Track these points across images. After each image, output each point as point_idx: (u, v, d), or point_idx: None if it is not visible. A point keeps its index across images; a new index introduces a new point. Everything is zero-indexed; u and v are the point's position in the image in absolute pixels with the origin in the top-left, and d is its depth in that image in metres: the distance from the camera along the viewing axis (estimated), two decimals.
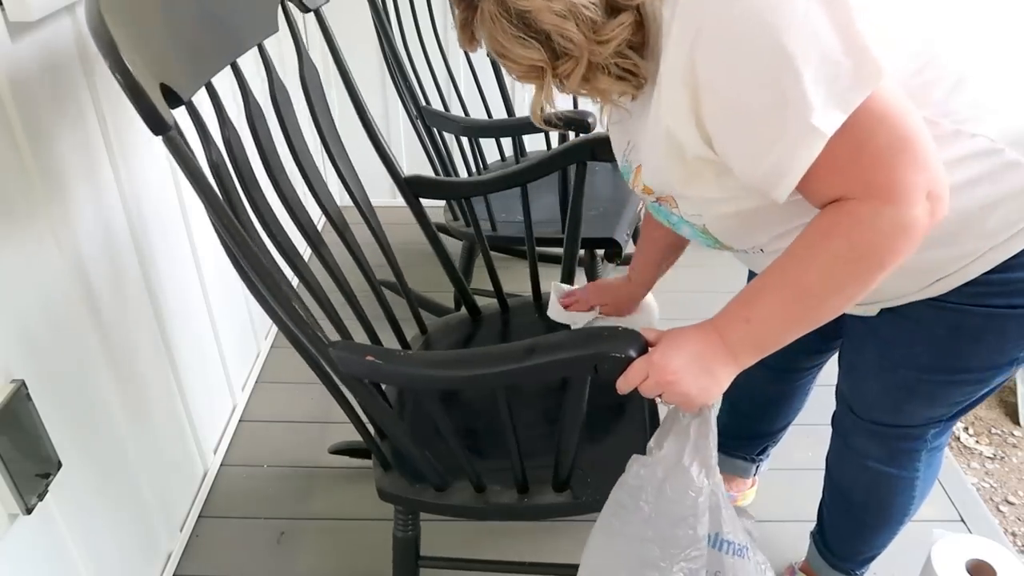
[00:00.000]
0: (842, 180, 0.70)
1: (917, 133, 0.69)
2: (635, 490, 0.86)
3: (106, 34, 0.66)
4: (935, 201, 0.69)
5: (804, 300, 0.76)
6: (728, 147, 0.75)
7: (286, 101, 1.07)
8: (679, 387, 0.79)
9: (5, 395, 0.90)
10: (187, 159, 0.73)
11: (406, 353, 0.89)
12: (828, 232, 0.73)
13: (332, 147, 1.18)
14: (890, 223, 0.69)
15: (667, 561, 0.83)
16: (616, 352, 0.80)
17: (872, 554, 1.23)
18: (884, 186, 0.69)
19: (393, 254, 1.26)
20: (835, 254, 0.72)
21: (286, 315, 0.86)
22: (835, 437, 1.16)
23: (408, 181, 1.32)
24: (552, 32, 0.74)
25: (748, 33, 0.67)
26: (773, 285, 0.77)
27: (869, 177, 0.69)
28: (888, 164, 0.69)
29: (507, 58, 0.79)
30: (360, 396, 0.93)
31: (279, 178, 1.02)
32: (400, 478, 1.05)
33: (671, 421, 0.86)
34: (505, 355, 0.85)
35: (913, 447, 1.07)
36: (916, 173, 0.68)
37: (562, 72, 0.78)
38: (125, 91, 0.68)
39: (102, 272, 1.16)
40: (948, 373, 0.95)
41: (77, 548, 1.08)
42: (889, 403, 1.03)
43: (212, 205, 0.77)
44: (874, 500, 1.15)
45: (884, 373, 1.00)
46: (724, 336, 0.80)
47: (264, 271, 0.82)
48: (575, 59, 0.76)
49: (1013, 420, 1.97)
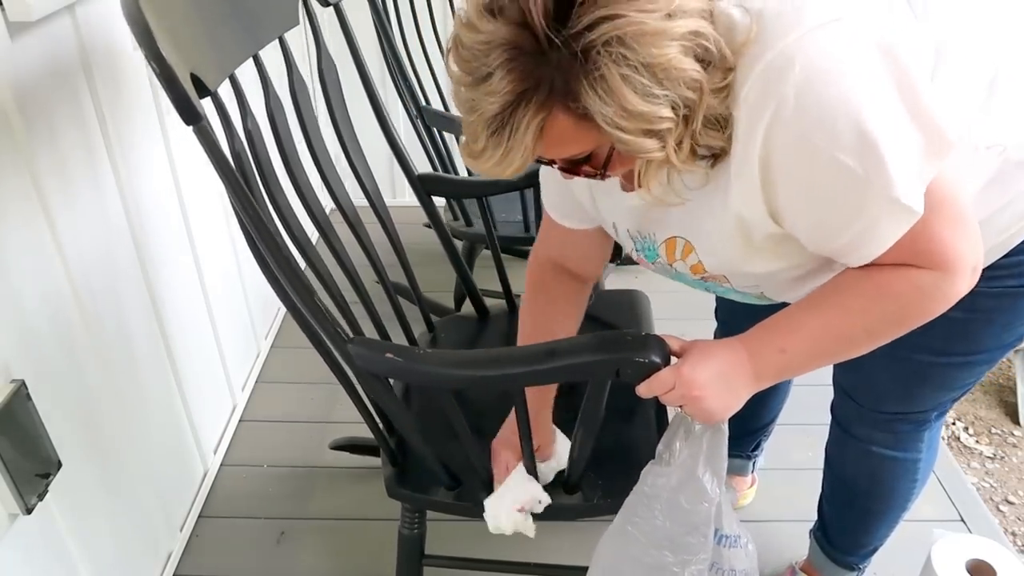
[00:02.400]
0: (910, 250, 0.73)
1: (969, 208, 0.74)
2: (650, 499, 0.87)
3: (143, 22, 0.66)
4: (976, 273, 0.75)
5: (841, 344, 0.80)
6: (800, 225, 0.74)
7: (304, 95, 1.07)
8: (704, 403, 0.80)
9: (5, 395, 0.90)
10: (217, 150, 0.73)
11: (426, 352, 0.89)
12: (885, 293, 0.76)
13: (347, 142, 1.18)
14: (942, 293, 0.74)
15: (679, 566, 0.86)
16: (640, 357, 0.80)
17: (874, 545, 1.24)
18: (945, 259, 0.73)
19: (405, 252, 1.26)
20: (885, 313, 0.77)
21: (306, 309, 0.86)
22: (835, 427, 1.17)
23: (421, 178, 1.32)
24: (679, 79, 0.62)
25: (823, 116, 0.64)
26: (816, 325, 0.80)
27: (933, 248, 0.73)
28: (950, 238, 0.72)
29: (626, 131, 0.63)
30: (375, 393, 0.92)
31: (295, 171, 1.02)
32: (409, 476, 1.05)
33: (678, 425, 0.86)
34: (527, 356, 0.84)
35: (917, 429, 1.09)
36: (969, 247, 0.73)
37: (678, 136, 0.65)
38: (160, 80, 0.67)
39: (102, 272, 1.16)
40: (962, 355, 0.97)
41: (77, 548, 1.08)
42: (900, 391, 1.05)
43: (239, 197, 0.77)
44: (877, 486, 1.16)
45: (896, 363, 1.00)
46: (753, 359, 0.81)
47: (286, 264, 0.82)
48: (692, 116, 0.65)
49: (1013, 420, 1.97)
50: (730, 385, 0.80)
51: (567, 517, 1.02)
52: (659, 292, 1.27)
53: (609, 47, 0.59)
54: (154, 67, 0.67)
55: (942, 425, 1.12)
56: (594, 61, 0.60)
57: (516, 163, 0.66)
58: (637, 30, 0.59)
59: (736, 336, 0.83)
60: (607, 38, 0.59)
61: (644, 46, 0.60)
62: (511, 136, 0.64)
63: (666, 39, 0.60)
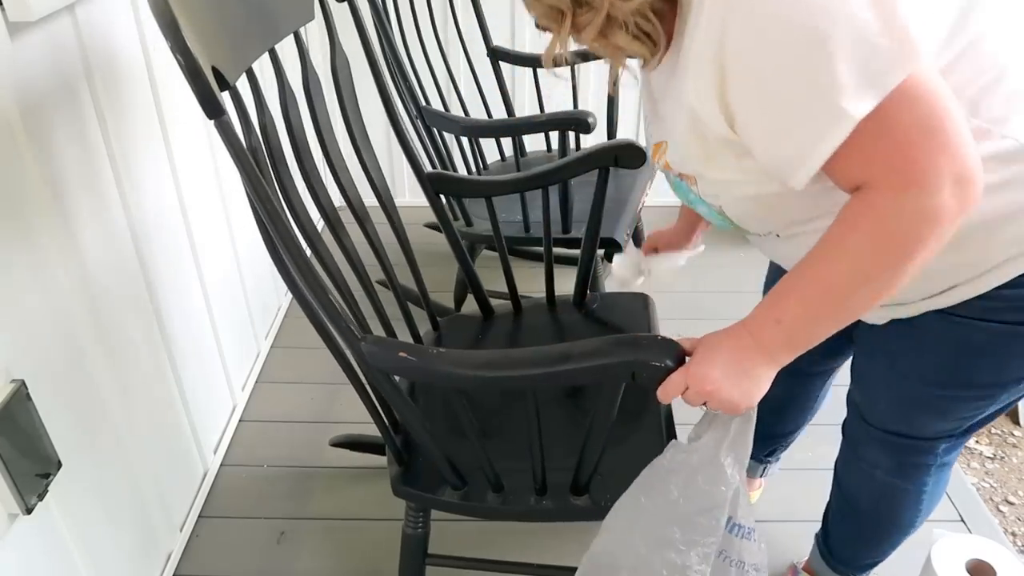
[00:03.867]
0: (864, 163, 0.68)
1: (947, 114, 0.66)
2: (668, 473, 0.87)
3: (170, 15, 0.66)
4: (965, 185, 0.66)
5: (832, 296, 0.74)
6: (751, 128, 0.73)
7: (318, 90, 1.07)
8: (720, 395, 0.80)
9: (5, 395, 0.90)
10: (237, 144, 0.73)
11: (440, 351, 0.89)
12: (852, 225, 0.71)
13: (358, 139, 1.18)
14: (914, 211, 0.67)
15: (686, 545, 0.85)
16: (655, 360, 0.80)
17: (874, 561, 1.23)
18: (906, 170, 0.66)
19: (412, 252, 1.26)
20: (859, 247, 0.71)
21: (321, 306, 0.86)
22: (845, 445, 1.16)
23: (430, 177, 1.31)
24: None
25: (781, 10, 0.65)
26: (801, 283, 0.77)
27: (892, 161, 0.67)
28: (912, 147, 0.66)
29: None
30: (385, 392, 0.92)
31: (307, 166, 1.02)
32: (414, 475, 1.05)
33: (713, 415, 0.86)
34: (541, 358, 0.84)
35: (923, 461, 1.05)
36: (941, 156, 0.65)
37: (581, 21, 0.76)
38: (185, 73, 0.67)
39: (102, 272, 1.16)
40: (954, 388, 0.94)
41: (77, 548, 1.08)
42: (900, 414, 1.02)
43: (258, 192, 0.77)
44: (880, 510, 1.14)
45: (893, 384, 0.99)
46: (756, 338, 0.80)
47: (303, 260, 0.82)
48: (595, 9, 0.74)
49: (1013, 420, 1.97)
50: (744, 371, 0.79)
51: (575, 518, 1.02)
52: (657, 292, 1.27)
53: None
54: (180, 60, 0.67)
55: (954, 461, 1.07)
56: None
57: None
58: None
59: (741, 320, 0.82)
60: None
61: None
62: None
63: None
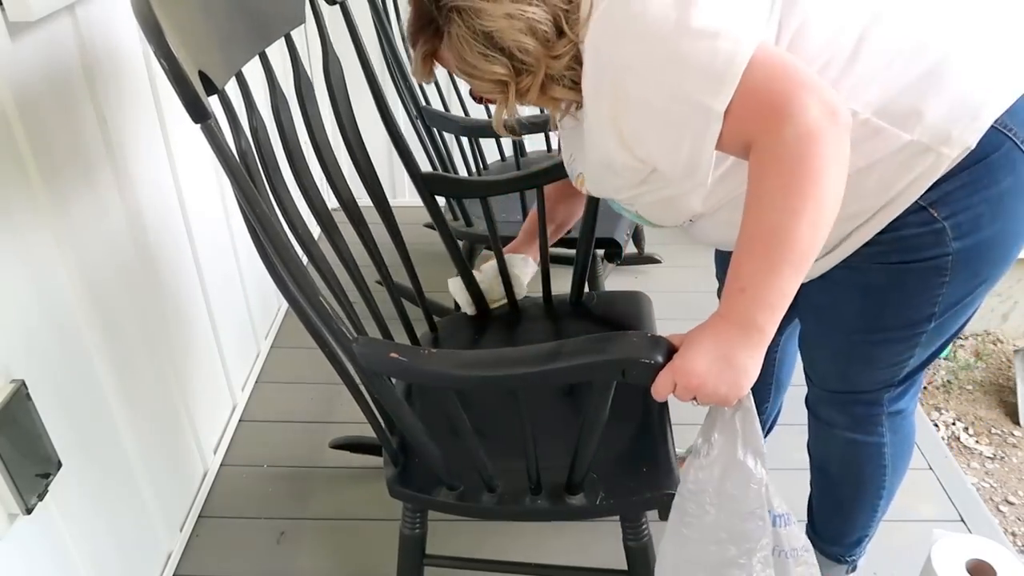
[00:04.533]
0: (743, 127, 0.77)
1: (791, 63, 0.76)
2: (697, 495, 0.86)
3: (152, 19, 0.66)
4: (829, 107, 0.74)
5: (773, 242, 0.77)
6: (649, 150, 0.85)
7: (310, 93, 1.07)
8: (708, 388, 0.80)
9: (5, 395, 0.90)
10: (223, 149, 0.73)
11: (431, 352, 0.89)
12: (758, 176, 0.77)
13: (352, 141, 1.18)
14: (794, 135, 0.74)
15: (746, 557, 0.85)
16: (644, 358, 0.81)
17: (857, 536, 1.26)
18: (774, 111, 0.75)
19: (408, 253, 1.26)
20: (773, 188, 0.76)
21: (312, 308, 0.86)
22: (808, 415, 1.22)
23: (425, 178, 1.32)
24: (513, 48, 0.85)
25: (635, 48, 0.79)
26: (745, 245, 0.79)
27: (761, 111, 0.76)
28: (770, 94, 0.75)
29: (475, 76, 0.89)
30: (379, 393, 0.92)
31: (300, 169, 1.02)
32: (410, 476, 1.05)
33: (715, 414, 0.86)
34: (531, 357, 0.84)
35: (872, 411, 1.11)
36: (798, 89, 0.74)
37: (523, 85, 0.88)
38: (169, 77, 0.67)
39: (102, 271, 1.16)
40: (872, 332, 1.00)
41: (77, 548, 1.08)
42: (834, 369, 1.09)
43: (246, 195, 0.77)
44: (847, 471, 1.20)
45: (824, 340, 1.08)
46: (730, 318, 0.81)
47: (294, 262, 0.82)
48: (533, 73, 0.87)
49: (1013, 420, 1.97)
50: (727, 359, 0.80)
51: (570, 518, 1.02)
52: (657, 292, 1.27)
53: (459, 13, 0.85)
54: (164, 65, 0.67)
55: (909, 414, 1.13)
56: (448, 19, 0.87)
57: (419, 69, 0.98)
58: (471, 5, 0.84)
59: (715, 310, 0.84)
60: (452, 6, 0.86)
61: (481, 19, 0.84)
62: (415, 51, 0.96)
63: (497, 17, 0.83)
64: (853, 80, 0.84)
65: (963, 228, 0.89)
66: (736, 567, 0.85)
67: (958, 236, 0.89)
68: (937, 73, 0.84)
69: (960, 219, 0.88)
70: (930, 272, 0.92)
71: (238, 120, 0.84)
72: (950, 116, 0.84)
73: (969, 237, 0.89)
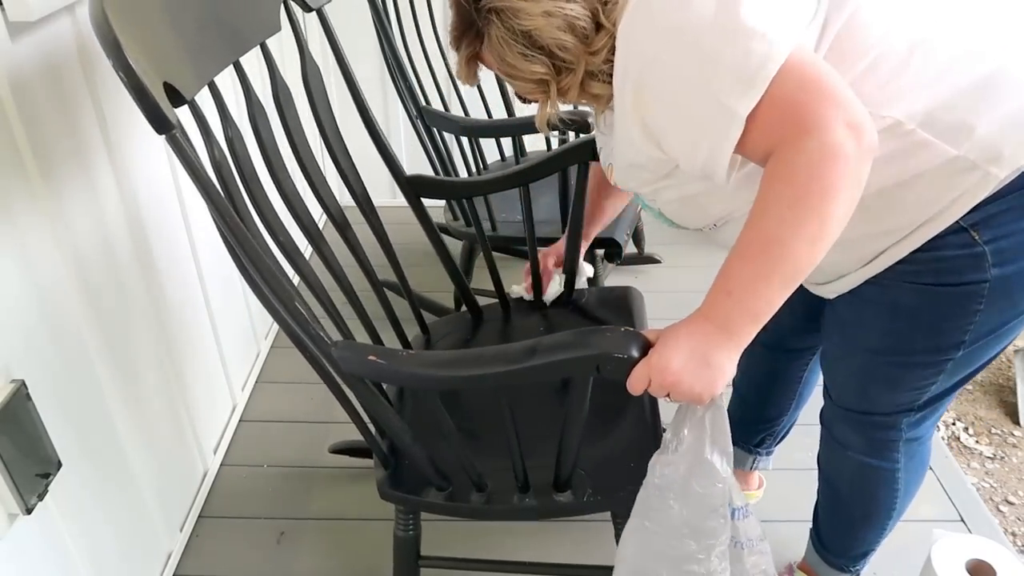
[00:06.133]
0: (766, 134, 0.75)
1: (825, 77, 0.73)
2: (661, 490, 0.87)
3: (110, 33, 0.66)
4: (857, 129, 0.71)
5: (769, 252, 0.76)
6: (671, 144, 0.83)
7: (288, 100, 1.07)
8: (682, 386, 0.80)
9: (5, 395, 0.90)
10: (189, 159, 0.73)
11: (408, 353, 0.89)
12: (770, 182, 0.76)
13: (334, 145, 1.18)
14: (815, 150, 0.72)
15: (704, 552, 0.86)
16: (618, 353, 0.80)
17: (863, 551, 1.24)
18: (799, 122, 0.73)
19: (395, 253, 1.26)
20: (781, 197, 0.75)
21: (288, 314, 0.86)
22: (822, 431, 1.18)
23: (410, 180, 1.32)
24: (552, 46, 0.84)
25: (666, 43, 0.77)
26: (740, 250, 0.78)
27: (786, 120, 0.73)
28: (798, 104, 0.73)
29: (516, 77, 0.89)
30: (362, 396, 0.93)
31: (280, 176, 1.02)
32: (401, 477, 1.05)
33: (686, 411, 0.86)
34: (507, 355, 0.84)
35: (889, 436, 1.07)
36: (827, 105, 0.72)
37: (564, 84, 0.88)
38: (129, 90, 0.67)
39: (102, 272, 1.16)
40: (897, 355, 0.97)
41: (77, 548, 1.08)
42: (854, 387, 1.06)
43: (215, 203, 0.77)
44: (858, 493, 1.17)
45: (847, 357, 1.04)
46: (712, 319, 0.80)
47: (266, 269, 0.82)
48: (573, 70, 0.86)
49: (1013, 420, 1.97)
50: (704, 358, 0.79)
51: (559, 515, 1.02)
52: (657, 292, 1.27)
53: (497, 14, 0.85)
54: (122, 77, 0.67)
55: (925, 439, 1.10)
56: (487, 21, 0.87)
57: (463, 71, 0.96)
58: (508, 6, 0.84)
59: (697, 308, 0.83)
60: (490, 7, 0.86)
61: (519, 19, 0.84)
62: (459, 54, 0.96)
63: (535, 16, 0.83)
64: (901, 85, 0.80)
65: (1005, 255, 0.84)
66: (695, 562, 0.86)
67: (999, 263, 0.84)
68: (992, 85, 0.79)
69: (1002, 244, 0.83)
70: (964, 298, 0.88)
71: (211, 131, 0.84)
72: (1002, 133, 0.79)
73: (1010, 265, 0.84)
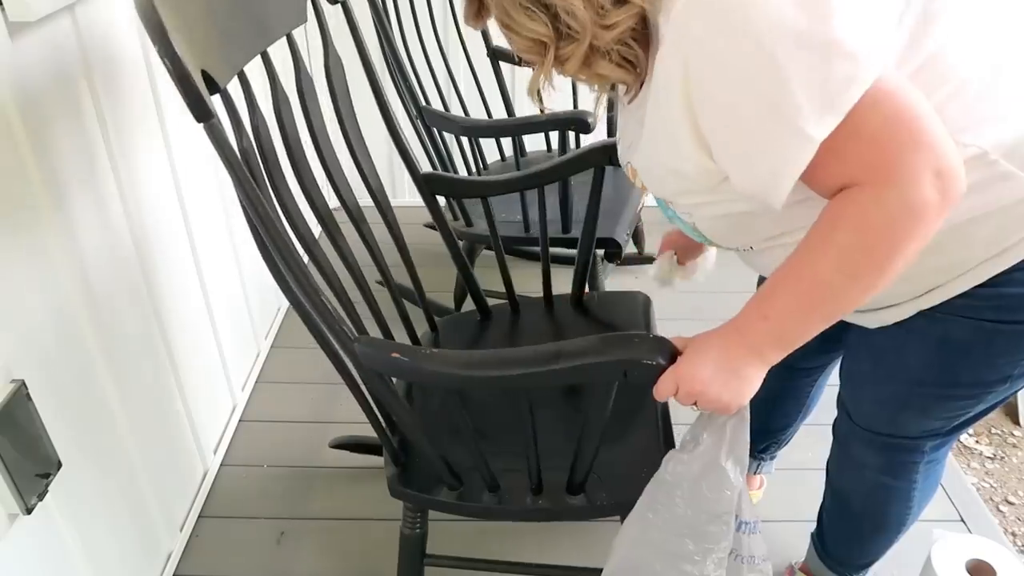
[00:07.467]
0: (842, 168, 0.69)
1: (916, 112, 0.67)
2: (671, 486, 0.87)
3: (156, 20, 0.66)
4: (946, 179, 0.67)
5: (819, 292, 0.74)
6: (724, 155, 0.75)
7: (311, 92, 1.07)
8: (709, 395, 0.80)
9: (5, 395, 0.90)
10: (226, 147, 0.73)
11: (431, 352, 0.89)
12: (838, 222, 0.71)
13: (353, 141, 1.18)
14: (897, 206, 0.67)
15: (701, 555, 0.85)
16: (647, 359, 0.81)
17: (868, 560, 1.23)
18: (882, 168, 0.67)
19: (408, 252, 1.26)
20: (845, 244, 0.71)
21: (313, 307, 0.86)
22: (835, 444, 1.16)
23: (426, 178, 1.32)
24: (559, 8, 0.74)
25: (735, 43, 0.67)
26: (787, 279, 0.76)
27: (868, 161, 0.68)
28: (882, 146, 0.67)
29: (512, 30, 0.79)
30: (379, 393, 0.92)
31: (301, 168, 1.02)
32: (411, 475, 1.05)
33: (708, 416, 0.86)
34: (534, 358, 0.84)
35: (910, 458, 1.06)
36: (916, 152, 0.66)
37: (563, 53, 0.77)
38: (173, 77, 0.67)
39: (102, 272, 1.16)
40: (938, 387, 0.94)
41: (77, 548, 1.08)
42: (884, 413, 1.03)
43: (248, 194, 0.77)
44: (870, 508, 1.15)
45: (879, 384, 1.00)
46: (745, 337, 0.79)
47: (295, 261, 0.82)
48: (577, 41, 0.76)
49: (1013, 420, 1.97)
50: (733, 371, 0.79)
51: (571, 518, 1.02)
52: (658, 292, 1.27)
53: None
54: (167, 64, 0.67)
55: (943, 458, 1.09)
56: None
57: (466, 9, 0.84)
58: None
59: (730, 319, 0.82)
60: None
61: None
62: None
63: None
64: (986, 112, 0.75)
65: None
66: (690, 562, 0.86)
67: None
68: None
69: None
70: (1021, 336, 0.85)
71: (240, 119, 0.84)
72: None
73: None
